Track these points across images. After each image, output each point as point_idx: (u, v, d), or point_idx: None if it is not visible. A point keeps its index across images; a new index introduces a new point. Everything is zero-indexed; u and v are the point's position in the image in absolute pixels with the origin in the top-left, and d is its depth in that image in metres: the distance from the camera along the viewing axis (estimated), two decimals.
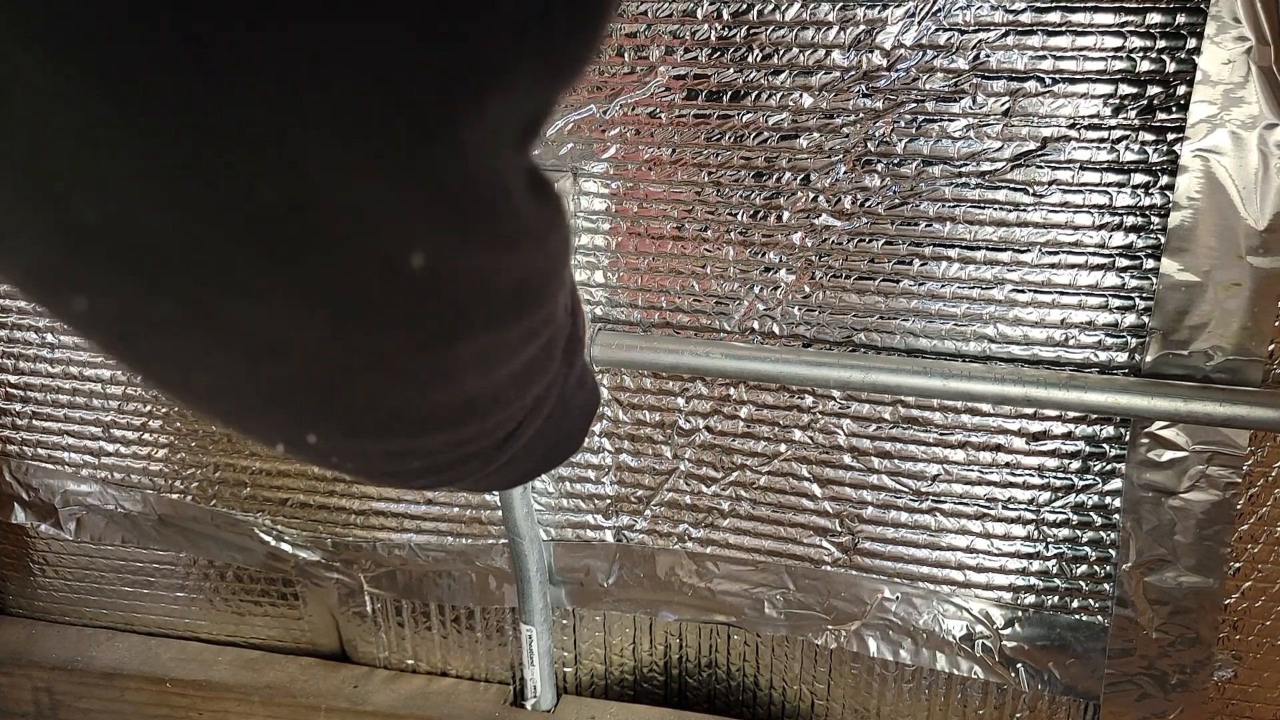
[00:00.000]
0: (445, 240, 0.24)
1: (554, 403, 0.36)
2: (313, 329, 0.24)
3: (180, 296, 0.22)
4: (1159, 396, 0.85)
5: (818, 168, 0.91)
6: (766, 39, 0.88)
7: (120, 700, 1.27)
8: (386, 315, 0.24)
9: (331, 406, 0.27)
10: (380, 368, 0.26)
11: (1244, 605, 0.96)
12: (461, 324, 0.27)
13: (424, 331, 0.26)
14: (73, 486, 1.25)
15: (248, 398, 0.26)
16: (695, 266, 0.98)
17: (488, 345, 0.28)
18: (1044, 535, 0.99)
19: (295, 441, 0.28)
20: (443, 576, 1.19)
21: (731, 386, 1.02)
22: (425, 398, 0.28)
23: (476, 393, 0.30)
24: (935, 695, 1.11)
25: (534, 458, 0.38)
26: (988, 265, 0.91)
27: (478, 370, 0.29)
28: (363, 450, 0.29)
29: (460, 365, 0.28)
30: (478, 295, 0.27)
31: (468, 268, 0.25)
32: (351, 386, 0.26)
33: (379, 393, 0.27)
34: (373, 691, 1.23)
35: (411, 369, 0.27)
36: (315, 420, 0.27)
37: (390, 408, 0.28)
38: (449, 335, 0.27)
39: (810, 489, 1.03)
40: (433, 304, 0.25)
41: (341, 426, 0.27)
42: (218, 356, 0.24)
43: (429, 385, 0.28)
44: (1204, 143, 0.81)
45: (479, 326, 0.27)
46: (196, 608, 1.31)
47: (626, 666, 1.22)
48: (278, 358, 0.24)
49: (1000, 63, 0.84)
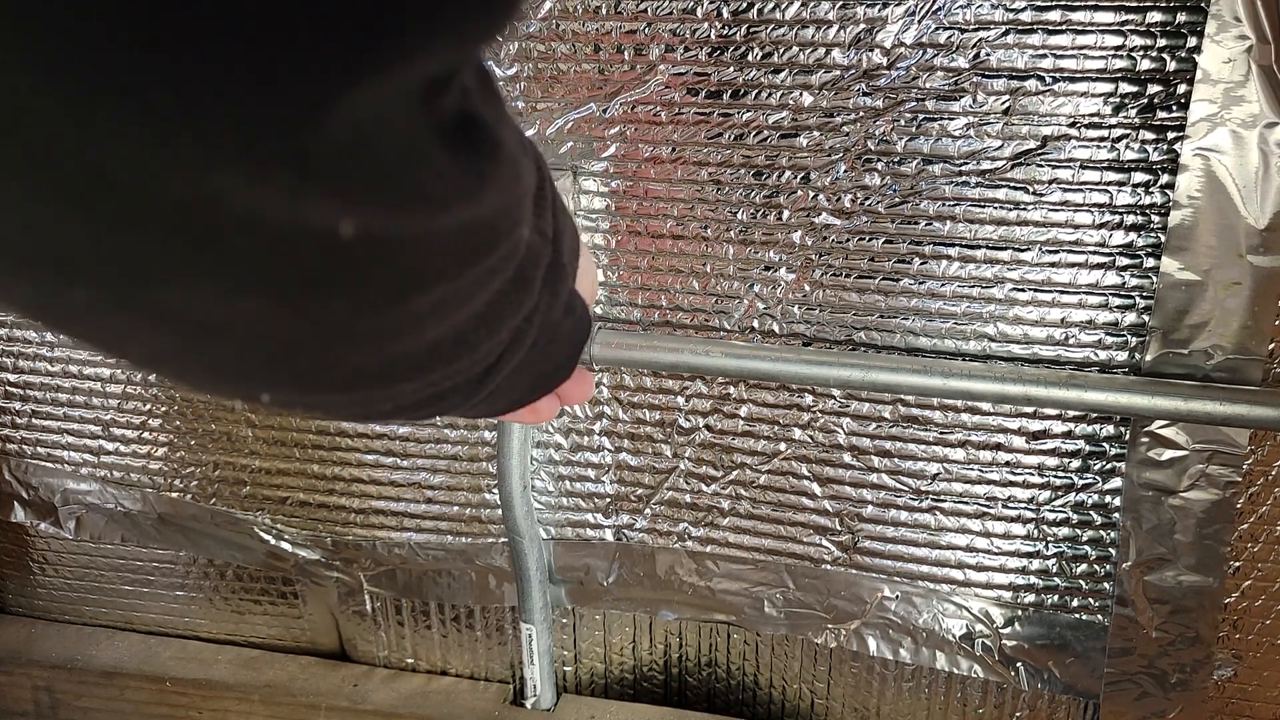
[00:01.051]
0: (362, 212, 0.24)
1: (536, 332, 0.35)
2: (246, 311, 0.24)
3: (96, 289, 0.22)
4: (1159, 395, 0.85)
5: (818, 166, 0.91)
6: (766, 37, 0.88)
7: (120, 699, 1.27)
8: (321, 289, 0.25)
9: (281, 371, 0.27)
10: (327, 335, 0.26)
11: (1244, 604, 0.96)
12: (407, 284, 0.27)
13: (367, 297, 0.26)
14: (72, 485, 1.25)
15: (190, 368, 0.26)
16: (695, 265, 0.98)
17: (443, 295, 0.28)
18: (1044, 534, 0.99)
19: (251, 398, 0.28)
20: (442, 575, 1.19)
21: (731, 385, 1.02)
22: (383, 352, 0.28)
23: (439, 339, 0.30)
24: (935, 694, 1.11)
25: (521, 386, 0.38)
26: (988, 264, 0.91)
27: (436, 319, 0.29)
28: (326, 401, 0.30)
29: (416, 318, 0.28)
30: (419, 255, 0.26)
31: (396, 233, 0.25)
32: (299, 354, 0.26)
33: (331, 355, 0.27)
34: (372, 690, 1.23)
35: (362, 330, 0.27)
36: (268, 383, 0.27)
37: (348, 365, 0.28)
38: (396, 296, 0.27)
39: (810, 488, 1.03)
40: (371, 271, 0.25)
41: (297, 386, 0.28)
42: (151, 336, 0.24)
43: (384, 342, 0.28)
44: (1204, 141, 0.81)
45: (429, 281, 0.27)
46: (196, 607, 1.31)
47: (626, 665, 1.22)
48: (215, 336, 0.24)
49: (1000, 61, 0.84)
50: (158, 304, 0.23)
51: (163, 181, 0.21)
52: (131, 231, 0.21)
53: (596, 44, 0.91)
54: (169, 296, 0.23)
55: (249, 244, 0.22)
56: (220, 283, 0.23)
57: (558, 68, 0.93)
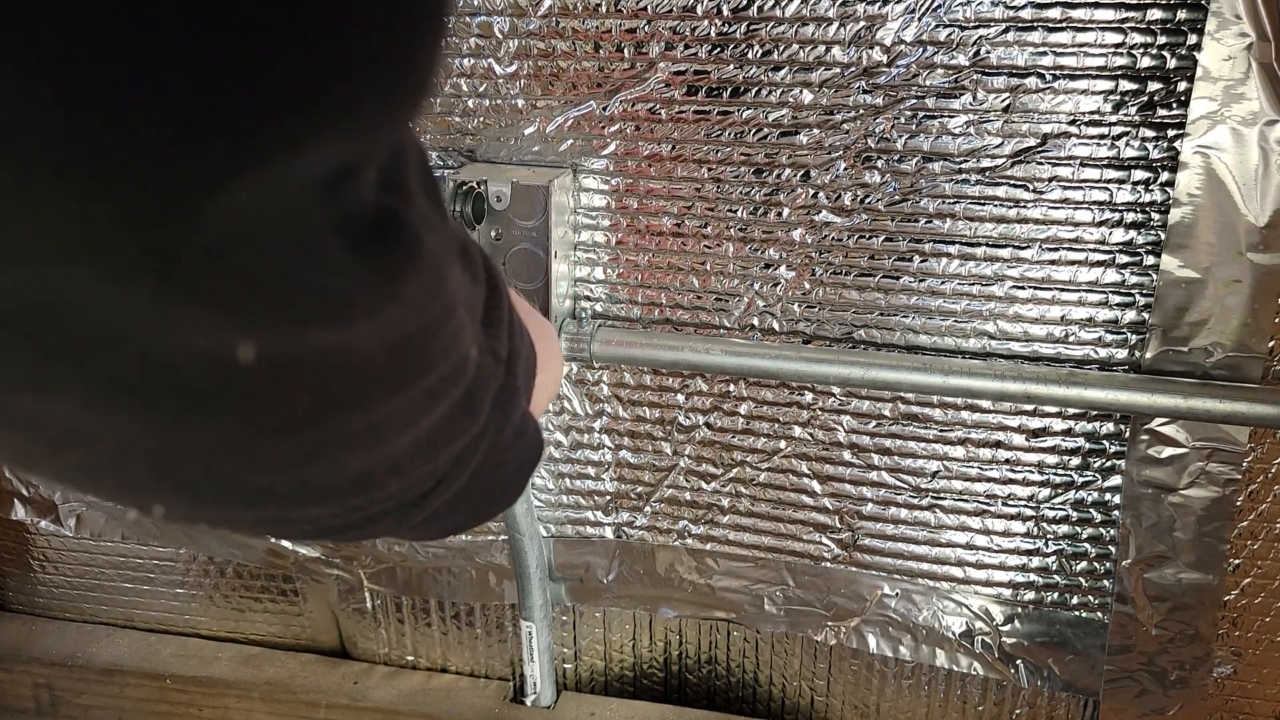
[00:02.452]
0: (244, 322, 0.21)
1: (481, 458, 0.33)
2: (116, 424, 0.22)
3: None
4: (1159, 393, 0.85)
5: (818, 164, 0.91)
6: (766, 35, 0.88)
7: (120, 696, 1.28)
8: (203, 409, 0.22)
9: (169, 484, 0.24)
10: (218, 454, 0.23)
11: (1243, 602, 0.96)
12: (320, 407, 0.24)
13: (266, 420, 0.23)
14: None
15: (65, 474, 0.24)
16: (695, 263, 0.98)
17: (369, 421, 0.26)
18: (1043, 532, 0.99)
19: (143, 510, 0.25)
20: (442, 573, 1.19)
21: (731, 383, 1.02)
22: (293, 477, 0.25)
23: (367, 467, 0.27)
24: (935, 692, 1.11)
25: (460, 513, 0.35)
26: (988, 262, 0.91)
27: (363, 446, 0.26)
28: (231, 518, 0.27)
29: (334, 444, 0.25)
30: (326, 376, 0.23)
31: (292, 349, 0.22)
32: (185, 468, 0.24)
33: (228, 474, 0.24)
34: (373, 688, 1.24)
35: (263, 454, 0.24)
36: (155, 495, 0.25)
37: (254, 485, 0.25)
38: (305, 421, 0.24)
39: (810, 485, 1.04)
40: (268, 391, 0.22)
41: (191, 498, 0.25)
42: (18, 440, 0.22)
43: (294, 467, 0.25)
44: (1204, 139, 0.81)
45: (347, 406, 0.25)
46: (196, 604, 1.31)
47: (626, 663, 1.22)
48: (86, 445, 0.22)
49: (1000, 59, 0.84)
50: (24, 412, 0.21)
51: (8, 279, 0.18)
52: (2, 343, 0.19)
53: (597, 42, 0.91)
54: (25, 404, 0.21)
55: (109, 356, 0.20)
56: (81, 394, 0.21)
57: (558, 65, 0.93)
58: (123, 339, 0.20)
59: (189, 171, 0.18)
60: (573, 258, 0.99)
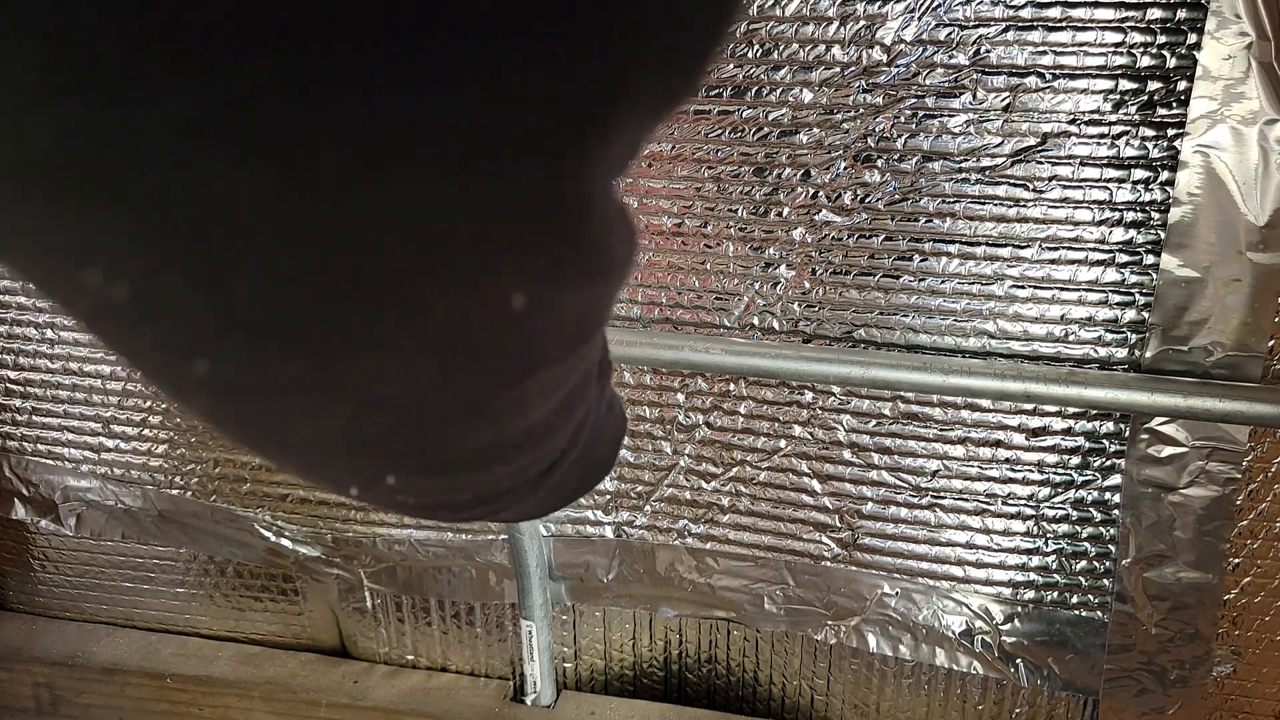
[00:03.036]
0: (553, 282, 0.24)
1: (590, 428, 0.36)
2: (420, 379, 0.24)
3: (309, 360, 0.22)
4: (1159, 392, 0.85)
5: (818, 163, 0.91)
6: (767, 34, 0.88)
7: (120, 695, 1.28)
8: (485, 357, 0.25)
9: (416, 449, 0.27)
10: (470, 408, 0.26)
11: (1243, 601, 0.96)
12: (539, 358, 0.27)
13: (511, 369, 0.26)
14: (73, 482, 1.25)
15: (340, 447, 0.26)
16: (695, 262, 0.98)
17: (554, 375, 0.28)
18: (1043, 531, 0.99)
19: (372, 484, 0.28)
20: (443, 572, 1.19)
21: (731, 382, 1.02)
22: (497, 432, 0.28)
23: (535, 421, 0.30)
24: (934, 691, 1.11)
25: (569, 485, 0.38)
26: (988, 261, 0.91)
27: (541, 400, 0.29)
28: (431, 486, 0.30)
29: (529, 397, 0.28)
30: (557, 329, 0.26)
31: (559, 304, 0.25)
32: (440, 429, 0.26)
33: (462, 432, 0.27)
34: (373, 687, 1.24)
35: (494, 406, 0.27)
36: (398, 463, 0.27)
37: (467, 445, 0.28)
38: (528, 370, 0.27)
39: (810, 485, 1.04)
40: (522, 341, 0.25)
41: (421, 466, 0.28)
42: (326, 411, 0.24)
43: (503, 419, 0.28)
44: (1204, 138, 0.81)
45: (552, 358, 0.27)
46: (197, 603, 1.31)
47: (626, 662, 1.22)
48: (381, 409, 0.24)
49: (1000, 58, 0.84)
50: (349, 374, 0.23)
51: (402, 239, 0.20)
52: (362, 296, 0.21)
53: None
54: (364, 366, 0.23)
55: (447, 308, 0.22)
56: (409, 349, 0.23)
57: None
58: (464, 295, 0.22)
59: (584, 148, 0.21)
60: None
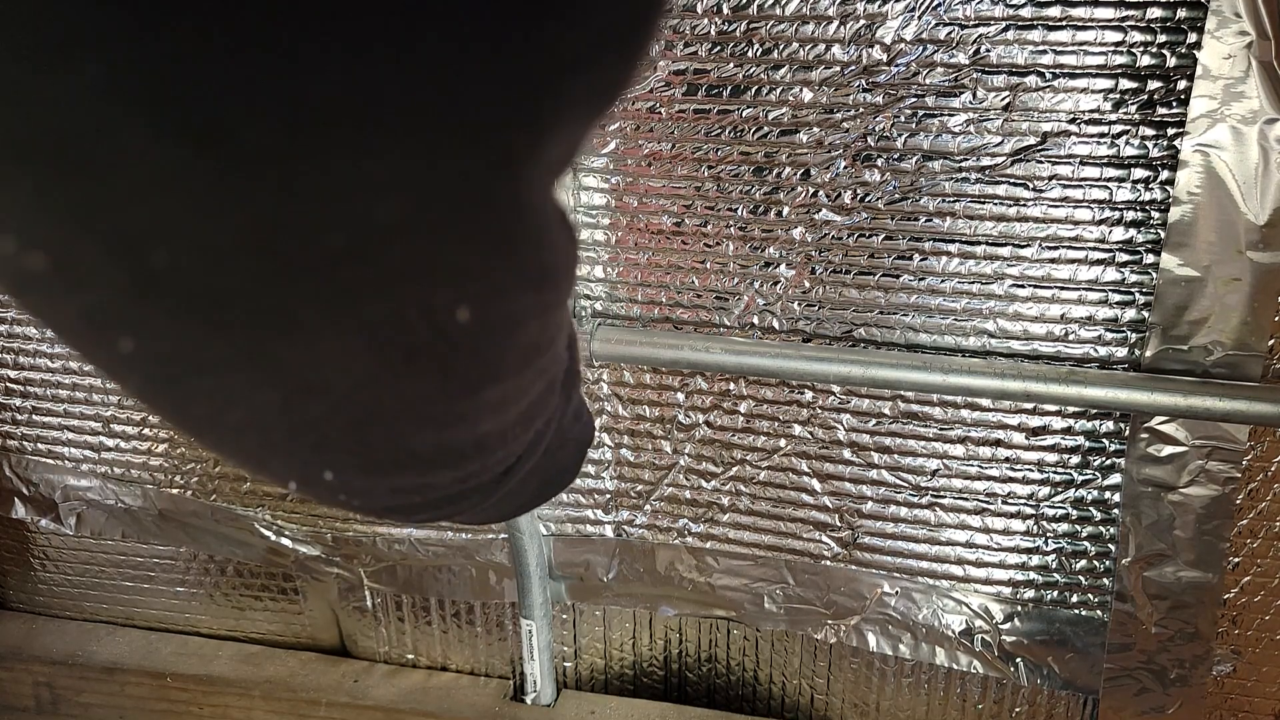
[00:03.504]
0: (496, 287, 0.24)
1: (551, 437, 0.36)
2: (353, 372, 0.24)
3: (236, 338, 0.22)
4: (1159, 391, 0.85)
5: (818, 163, 0.91)
6: (766, 34, 0.88)
7: (120, 695, 1.28)
8: (425, 362, 0.24)
9: (354, 444, 0.27)
10: (409, 411, 0.26)
11: (1243, 600, 0.96)
12: (490, 371, 0.27)
13: (456, 379, 0.26)
14: (73, 481, 1.25)
15: (275, 435, 0.26)
16: (695, 262, 0.98)
17: (508, 389, 0.28)
18: (1043, 530, 0.99)
19: (310, 479, 0.28)
20: (443, 571, 1.19)
21: (731, 381, 1.02)
22: (442, 438, 0.28)
23: (488, 432, 0.30)
24: (934, 690, 1.11)
25: (528, 491, 0.38)
26: (988, 260, 0.91)
27: (494, 413, 0.29)
28: (371, 486, 0.29)
29: (481, 409, 0.28)
30: (509, 342, 0.26)
31: (508, 313, 0.25)
32: (377, 426, 0.26)
33: (402, 433, 0.27)
34: (373, 686, 1.24)
35: (437, 413, 0.27)
36: (335, 458, 0.27)
37: (408, 447, 0.28)
38: (478, 382, 0.27)
39: (810, 484, 1.04)
40: (470, 352, 0.25)
41: (359, 463, 0.28)
42: (257, 394, 0.24)
43: (449, 427, 0.28)
44: (1204, 138, 0.81)
45: (505, 375, 0.27)
46: (197, 603, 1.31)
47: (626, 661, 1.22)
48: (314, 396, 0.24)
49: (1000, 57, 0.84)
50: (281, 359, 0.23)
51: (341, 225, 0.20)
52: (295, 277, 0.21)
53: None
54: (295, 351, 0.23)
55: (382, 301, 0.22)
56: (341, 339, 0.22)
57: None
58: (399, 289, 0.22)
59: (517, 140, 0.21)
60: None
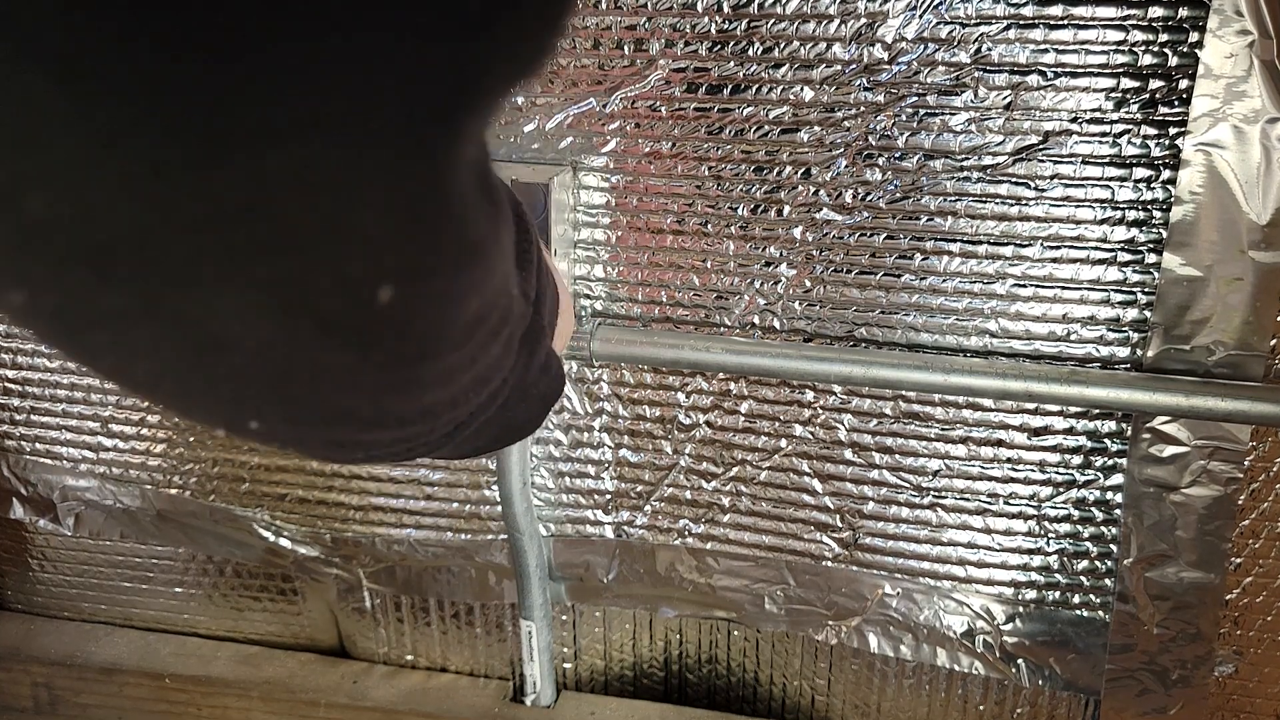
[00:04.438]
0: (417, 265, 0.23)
1: (509, 393, 0.35)
2: (261, 330, 0.23)
3: (130, 291, 0.21)
4: (1160, 391, 0.85)
5: (818, 162, 0.91)
6: (767, 32, 0.88)
7: (119, 695, 1.27)
8: (345, 335, 0.24)
9: (275, 398, 0.26)
10: (330, 376, 0.25)
11: (1245, 601, 0.96)
12: (429, 347, 0.26)
13: (383, 353, 0.25)
14: (71, 481, 1.25)
15: (190, 384, 0.26)
16: (695, 261, 0.97)
17: (454, 361, 0.28)
18: (1045, 531, 0.98)
19: (236, 427, 0.27)
20: (442, 572, 1.19)
21: (732, 381, 1.02)
22: (378, 405, 0.27)
23: (435, 400, 0.29)
24: (936, 691, 1.11)
25: (483, 439, 0.37)
26: (989, 260, 0.90)
27: (441, 383, 0.28)
28: (303, 436, 0.29)
29: (422, 382, 0.27)
30: (447, 318, 0.26)
31: (439, 291, 0.25)
32: (298, 385, 0.25)
33: (328, 394, 0.26)
34: (372, 687, 1.23)
35: (365, 383, 0.26)
36: (258, 408, 0.26)
37: (340, 407, 0.27)
38: (415, 358, 0.26)
39: (811, 484, 1.03)
40: (400, 329, 0.25)
41: (285, 415, 0.27)
42: (163, 346, 0.23)
43: (384, 396, 0.27)
44: (1206, 137, 0.80)
45: (448, 347, 0.27)
46: (195, 603, 1.31)
47: (626, 662, 1.22)
48: (224, 350, 0.24)
49: (1002, 56, 0.84)
50: (181, 312, 0.22)
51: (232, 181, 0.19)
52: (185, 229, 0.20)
53: (596, 39, 0.91)
54: (194, 305, 0.22)
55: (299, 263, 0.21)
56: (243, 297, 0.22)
57: (557, 62, 0.93)
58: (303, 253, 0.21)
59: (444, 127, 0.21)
60: (572, 255, 0.99)
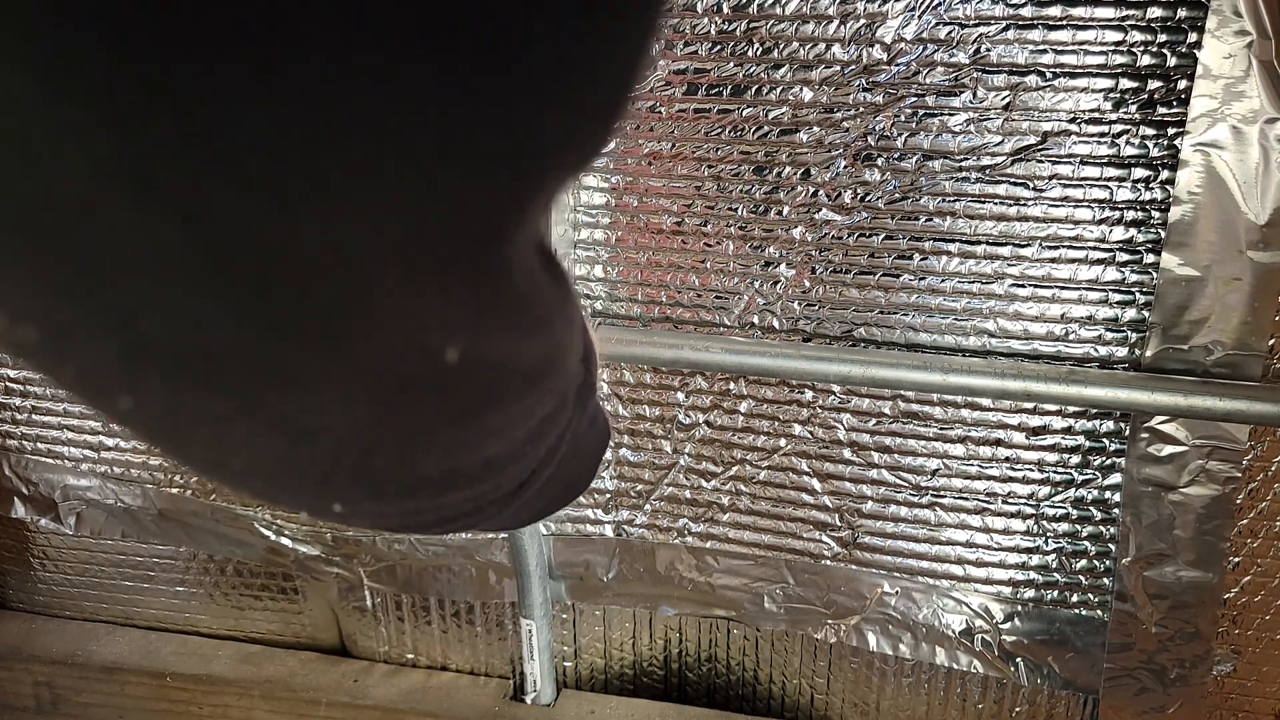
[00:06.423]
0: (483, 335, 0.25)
1: (566, 448, 0.37)
2: (352, 416, 0.25)
3: (232, 395, 0.22)
4: (1159, 391, 0.85)
5: (818, 162, 0.91)
6: (766, 33, 0.88)
7: (120, 694, 1.28)
8: (420, 399, 0.25)
9: (360, 478, 0.27)
10: (409, 442, 0.27)
11: (1243, 600, 0.96)
12: (490, 400, 0.28)
13: (454, 410, 0.27)
14: (73, 481, 1.25)
15: (281, 476, 0.27)
16: (695, 261, 0.98)
17: (512, 413, 0.30)
18: (1043, 530, 0.99)
19: (320, 510, 0.29)
20: (443, 571, 1.19)
21: (731, 381, 1.02)
22: (449, 463, 0.29)
23: (497, 454, 0.31)
24: (935, 690, 1.11)
25: (545, 499, 0.39)
26: (988, 260, 0.91)
27: (500, 435, 0.30)
28: (383, 510, 0.30)
29: (485, 434, 0.29)
30: (506, 374, 0.28)
31: (500, 353, 0.27)
32: (381, 460, 0.27)
33: (406, 463, 0.28)
34: (373, 686, 1.24)
35: (439, 441, 0.28)
36: (343, 490, 0.28)
37: (416, 473, 0.29)
38: (477, 410, 0.28)
39: (810, 484, 1.03)
40: (464, 387, 0.26)
41: (367, 494, 0.28)
42: (259, 442, 0.25)
43: (454, 453, 0.29)
44: (1204, 137, 0.81)
45: (507, 400, 0.29)
46: (196, 602, 1.31)
47: (626, 661, 1.22)
48: (316, 440, 0.25)
49: (1001, 57, 0.84)
50: (280, 411, 0.23)
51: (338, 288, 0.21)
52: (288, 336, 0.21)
53: None
54: (292, 403, 0.23)
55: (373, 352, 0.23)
56: (336, 388, 0.23)
57: None
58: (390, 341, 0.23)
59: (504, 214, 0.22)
60: (573, 256, 0.99)
